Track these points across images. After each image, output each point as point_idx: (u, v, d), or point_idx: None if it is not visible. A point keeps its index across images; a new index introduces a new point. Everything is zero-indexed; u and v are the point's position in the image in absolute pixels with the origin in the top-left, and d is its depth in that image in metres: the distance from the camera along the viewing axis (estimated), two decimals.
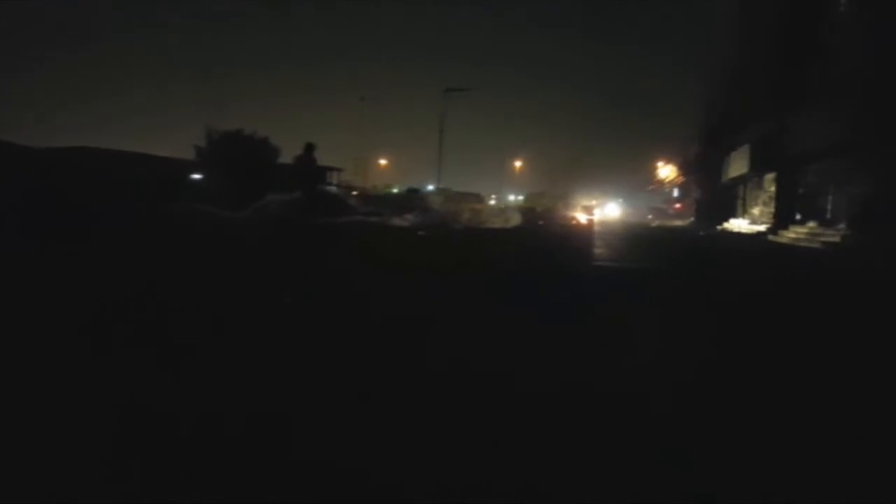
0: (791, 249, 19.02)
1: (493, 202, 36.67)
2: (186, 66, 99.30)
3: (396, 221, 21.38)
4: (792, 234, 24.07)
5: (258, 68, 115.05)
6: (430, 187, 44.61)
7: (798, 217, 26.46)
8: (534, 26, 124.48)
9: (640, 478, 2.25)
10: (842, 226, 21.21)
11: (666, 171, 63.12)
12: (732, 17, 42.49)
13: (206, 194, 26.97)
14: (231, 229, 13.72)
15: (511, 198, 48.82)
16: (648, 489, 2.18)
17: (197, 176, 30.77)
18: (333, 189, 30.69)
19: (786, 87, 27.82)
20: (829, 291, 8.57)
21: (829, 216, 22.99)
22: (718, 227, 36.18)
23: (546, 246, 14.73)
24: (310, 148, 17.20)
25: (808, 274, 11.51)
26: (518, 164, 60.19)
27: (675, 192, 63.87)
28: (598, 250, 13.94)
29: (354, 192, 32.31)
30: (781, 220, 27.38)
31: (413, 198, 31.60)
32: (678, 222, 52.47)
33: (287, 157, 31.47)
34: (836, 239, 19.98)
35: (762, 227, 29.20)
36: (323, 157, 18.97)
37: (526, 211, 34.36)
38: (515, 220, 28.76)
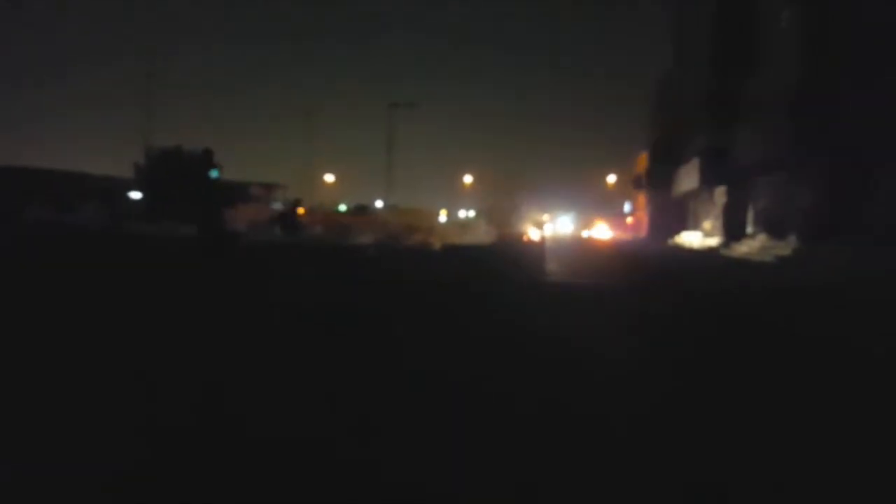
0: (744, 264, 18.83)
1: (442, 218, 36.09)
2: (124, 81, 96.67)
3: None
4: (745, 247, 24.02)
5: (199, 83, 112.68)
6: (379, 203, 43.86)
7: (749, 230, 26.52)
8: (481, 41, 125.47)
9: None
10: (793, 238, 21.19)
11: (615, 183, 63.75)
12: (673, 31, 43.15)
13: (143, 211, 26.03)
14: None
15: (462, 213, 48.41)
16: None
17: (136, 194, 29.63)
18: (278, 205, 29.82)
19: (727, 102, 28.08)
20: (775, 306, 8.14)
21: (779, 229, 23.01)
22: (670, 242, 36.26)
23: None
24: (208, 157, 12.46)
25: (758, 290, 11.13)
26: (468, 179, 59.94)
27: (627, 207, 64.41)
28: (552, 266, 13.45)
29: (302, 210, 31.42)
30: (733, 233, 27.44)
31: (361, 214, 30.84)
32: (629, 236, 52.75)
33: (232, 173, 30.58)
34: (788, 252, 19.91)
35: (714, 242, 29.23)
36: (265, 174, 18.04)
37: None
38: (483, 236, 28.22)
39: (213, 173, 25.46)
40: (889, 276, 11.90)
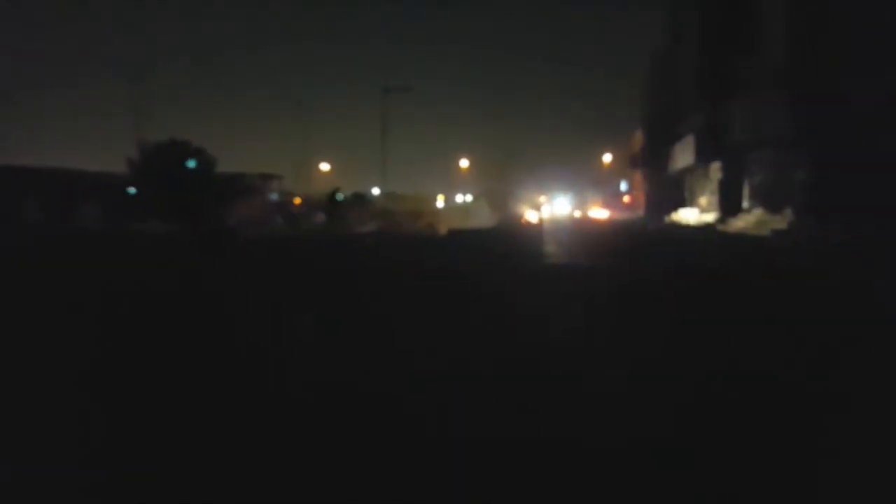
0: (740, 239, 18.91)
1: (440, 204, 36.07)
2: (112, 72, 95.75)
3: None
4: (741, 222, 24.11)
5: (189, 74, 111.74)
6: (376, 191, 43.79)
7: (745, 205, 26.59)
8: (476, 24, 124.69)
9: None
10: (788, 211, 21.29)
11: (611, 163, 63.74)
12: (668, 9, 42.96)
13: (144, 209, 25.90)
14: None
15: (459, 198, 48.33)
16: None
17: (132, 189, 29.56)
18: (275, 197, 29.78)
19: (721, 78, 28.07)
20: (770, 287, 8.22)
21: (775, 203, 23.09)
22: (667, 219, 36.33)
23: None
24: (184, 148, 10.67)
25: (758, 265, 11.21)
26: (464, 163, 59.77)
27: (623, 186, 64.37)
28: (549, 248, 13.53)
29: (297, 200, 31.40)
30: (729, 209, 27.52)
31: (358, 203, 30.82)
32: (627, 215, 52.76)
33: (227, 165, 30.51)
34: (784, 226, 20.02)
35: (710, 218, 29.31)
36: (262, 165, 17.92)
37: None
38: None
39: (190, 163, 25.15)
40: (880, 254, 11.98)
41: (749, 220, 23.82)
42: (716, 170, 30.91)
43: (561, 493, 2.13)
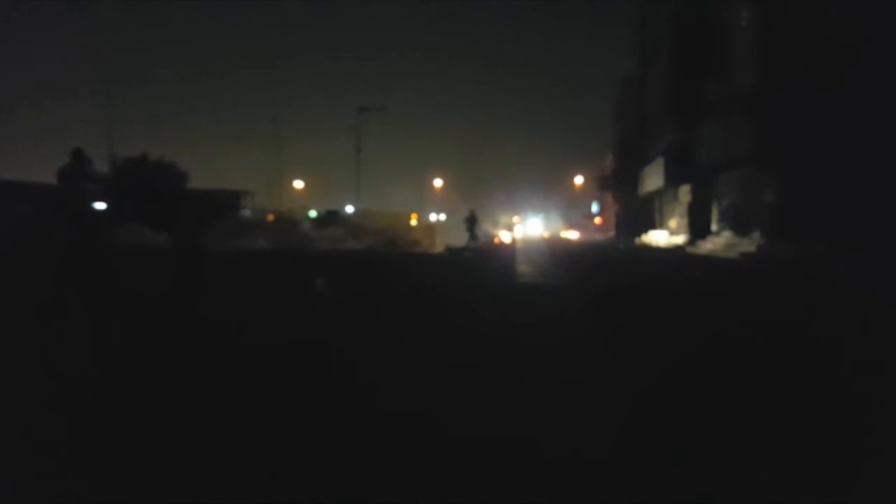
0: (708, 261, 19.18)
1: (413, 221, 36.11)
2: (79, 83, 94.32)
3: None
4: (710, 245, 24.47)
5: (159, 86, 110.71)
6: (350, 208, 43.73)
7: (714, 228, 27.01)
8: (448, 48, 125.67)
9: None
10: (756, 234, 21.65)
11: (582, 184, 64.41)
12: (636, 33, 43.78)
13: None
14: None
15: (433, 217, 48.47)
16: None
17: (100, 205, 29.09)
18: (247, 213, 29.55)
19: (689, 101, 28.61)
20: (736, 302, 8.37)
21: (744, 226, 23.49)
22: (637, 241, 36.75)
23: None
24: (79, 156, 10.89)
25: (720, 285, 11.40)
26: (438, 183, 60.02)
27: (594, 207, 65.12)
28: (523, 268, 13.67)
29: (270, 217, 31.20)
30: (698, 231, 27.93)
31: (332, 220, 30.73)
32: (598, 237, 53.30)
33: (200, 180, 30.22)
34: (752, 248, 20.35)
35: (680, 240, 29.71)
36: (234, 181, 17.95)
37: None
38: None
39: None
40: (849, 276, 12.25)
41: (718, 242, 24.19)
42: (685, 192, 31.39)
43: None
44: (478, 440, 2.70)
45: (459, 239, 26.78)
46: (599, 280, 11.87)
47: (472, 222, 26.11)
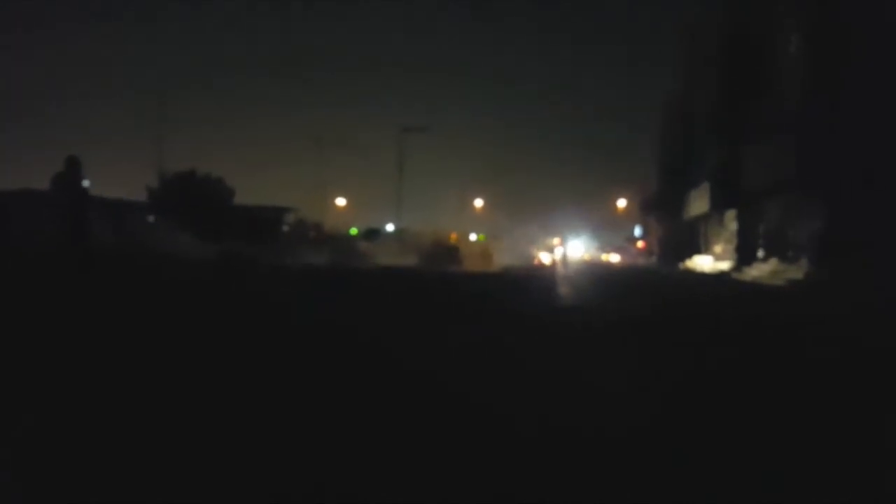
0: (755, 288, 18.75)
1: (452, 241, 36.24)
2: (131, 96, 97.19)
3: None
4: (755, 271, 23.98)
5: (210, 106, 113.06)
6: (391, 226, 44.05)
7: (761, 254, 26.47)
8: (495, 70, 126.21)
9: None
10: (804, 261, 21.16)
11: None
12: (682, 55, 43.43)
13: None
14: None
15: (473, 237, 48.55)
16: None
17: (151, 218, 29.89)
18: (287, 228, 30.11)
19: (736, 125, 28.23)
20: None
21: (790, 252, 22.98)
22: (681, 266, 36.22)
23: None
24: (73, 165, 10.95)
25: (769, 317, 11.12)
26: (479, 203, 60.19)
27: (637, 231, 64.34)
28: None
29: (312, 233, 31.64)
30: (744, 257, 27.41)
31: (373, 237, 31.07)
32: (640, 261, 52.65)
33: (244, 197, 30.85)
34: (800, 276, 19.87)
35: (726, 266, 29.18)
36: (277, 197, 18.28)
37: None
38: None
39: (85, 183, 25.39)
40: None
41: (764, 269, 23.70)
42: (731, 218, 30.88)
43: None
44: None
45: (510, 259, 27.08)
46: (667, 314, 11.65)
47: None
